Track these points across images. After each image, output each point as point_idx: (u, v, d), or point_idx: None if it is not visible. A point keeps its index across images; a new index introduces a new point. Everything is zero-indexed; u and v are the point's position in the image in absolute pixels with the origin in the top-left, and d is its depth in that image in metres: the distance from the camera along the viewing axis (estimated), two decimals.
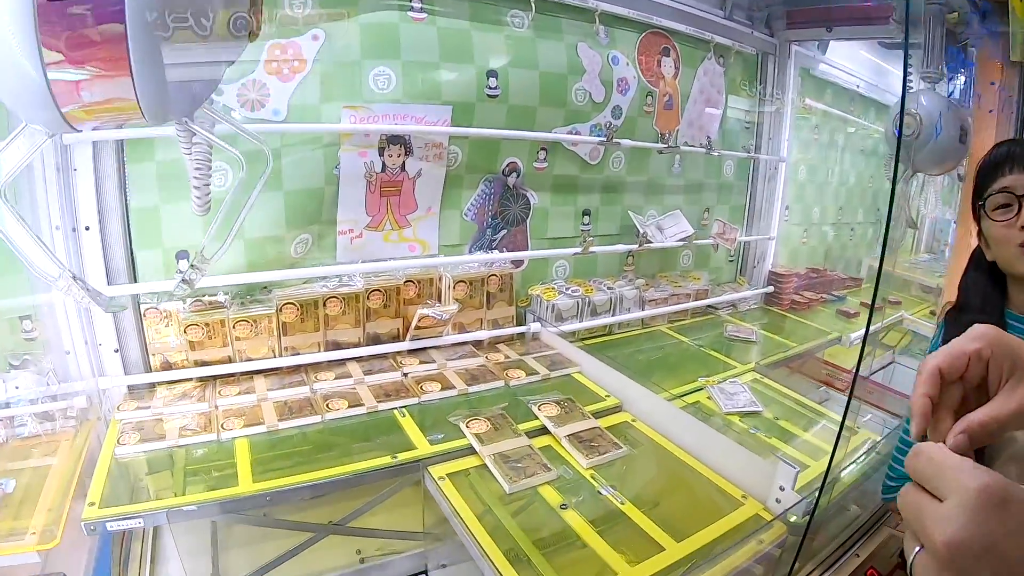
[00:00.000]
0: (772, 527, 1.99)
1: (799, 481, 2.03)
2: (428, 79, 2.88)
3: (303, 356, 2.77)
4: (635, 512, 2.02)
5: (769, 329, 4.19)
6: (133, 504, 1.90)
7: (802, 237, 5.22)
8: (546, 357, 3.10)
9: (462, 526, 1.93)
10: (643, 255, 4.03)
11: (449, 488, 2.09)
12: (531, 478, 2.12)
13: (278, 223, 2.72)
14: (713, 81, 4.06)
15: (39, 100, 1.17)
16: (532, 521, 1.98)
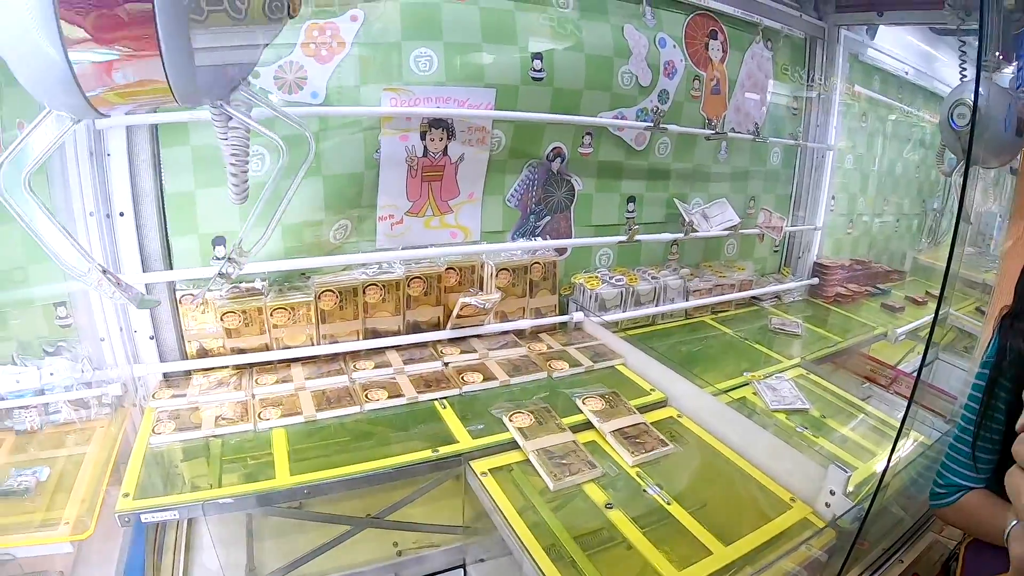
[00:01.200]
0: (822, 533, 1.93)
1: (852, 482, 1.97)
2: (471, 61, 2.80)
3: (341, 344, 2.72)
4: (681, 513, 1.95)
5: (813, 322, 4.08)
6: (168, 496, 1.87)
7: (847, 228, 5.09)
8: (589, 348, 3.03)
9: (504, 522, 1.87)
10: (687, 244, 3.96)
11: (491, 484, 2.03)
12: (576, 475, 2.05)
13: (317, 208, 2.67)
14: (761, 65, 3.95)
15: (62, 84, 1.10)
16: (576, 519, 1.91)
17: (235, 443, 2.16)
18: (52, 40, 1.03)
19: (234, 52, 1.29)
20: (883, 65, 4.86)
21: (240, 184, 1.62)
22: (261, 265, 2.56)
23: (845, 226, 5.07)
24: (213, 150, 2.43)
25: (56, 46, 1.03)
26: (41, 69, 1.08)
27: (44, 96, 1.18)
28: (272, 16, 1.30)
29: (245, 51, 1.35)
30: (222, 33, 1.21)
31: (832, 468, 1.97)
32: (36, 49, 1.04)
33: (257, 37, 1.34)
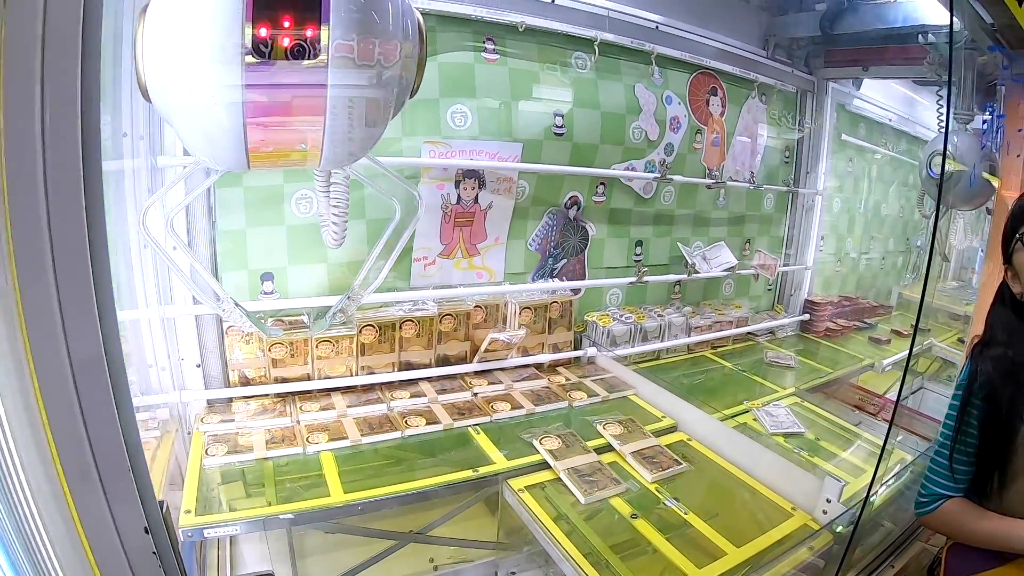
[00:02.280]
0: (820, 535, 2.21)
1: (845, 494, 2.23)
2: (501, 117, 3.10)
3: (378, 375, 2.93)
4: (698, 521, 2.22)
5: (805, 355, 4.36)
6: (225, 512, 2.04)
7: (836, 266, 5.40)
8: (604, 380, 3.29)
9: (545, 532, 2.11)
10: (689, 284, 4.24)
11: (529, 499, 2.27)
12: (603, 490, 2.31)
13: (359, 249, 2.90)
14: (756, 118, 4.28)
15: (232, 146, 1.35)
16: (606, 529, 2.16)
17: (286, 464, 2.35)
18: (233, 112, 1.29)
19: (372, 134, 1.54)
20: (868, 113, 5.20)
21: (340, 231, 1.89)
22: (306, 300, 2.81)
23: (834, 265, 5.38)
24: (264, 192, 2.70)
25: (237, 117, 1.30)
26: (215, 134, 1.35)
27: (209, 154, 1.44)
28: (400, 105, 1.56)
29: (380, 133, 1.61)
30: (371, 121, 1.47)
31: (828, 479, 2.26)
32: (214, 117, 1.31)
33: (387, 121, 1.62)
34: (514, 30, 3.07)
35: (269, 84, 1.27)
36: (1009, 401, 1.71)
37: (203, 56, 1.26)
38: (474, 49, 3.03)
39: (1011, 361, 1.73)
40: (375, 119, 1.45)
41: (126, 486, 0.79)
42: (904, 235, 6.00)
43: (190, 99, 1.31)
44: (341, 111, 1.35)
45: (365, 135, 1.47)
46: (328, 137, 1.38)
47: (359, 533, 2.44)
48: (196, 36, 1.25)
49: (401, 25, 1.39)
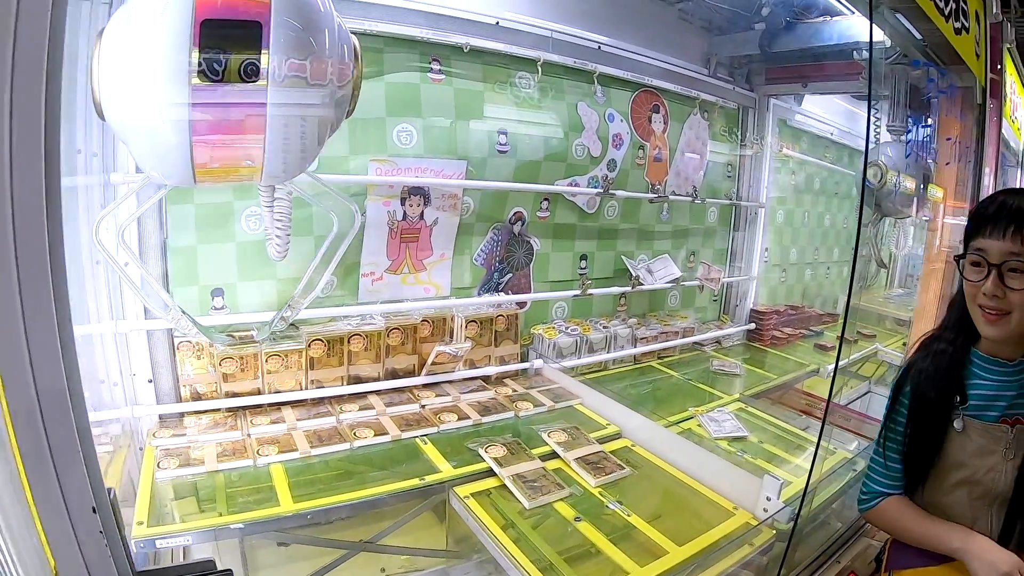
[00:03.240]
0: (760, 531, 2.31)
1: (784, 494, 2.34)
2: (446, 135, 3.21)
3: (328, 389, 3.00)
4: (640, 523, 2.31)
5: (752, 363, 4.51)
6: (176, 524, 2.09)
7: (781, 276, 5.57)
8: (549, 390, 3.38)
9: (492, 540, 2.18)
10: (634, 296, 4.35)
11: (475, 506, 2.35)
12: (547, 495, 2.40)
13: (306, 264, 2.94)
14: (698, 134, 4.43)
15: (179, 162, 1.45)
16: (551, 534, 2.24)
17: (237, 477, 2.40)
18: (181, 130, 1.39)
19: (311, 150, 1.64)
20: (810, 128, 5.37)
21: (284, 245, 1.98)
22: (255, 315, 2.87)
23: (779, 275, 5.54)
24: (215, 208, 2.76)
25: (184, 135, 1.40)
26: (164, 148, 1.44)
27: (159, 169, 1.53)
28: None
29: (317, 149, 1.71)
30: (308, 138, 1.57)
31: (767, 478, 2.37)
32: (163, 134, 1.41)
33: (325, 139, 1.71)
34: (459, 51, 3.18)
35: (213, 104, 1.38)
36: (938, 399, 1.83)
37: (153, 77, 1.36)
38: (420, 69, 3.13)
39: (949, 358, 1.84)
40: (313, 137, 1.55)
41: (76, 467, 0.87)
42: (850, 244, 6.16)
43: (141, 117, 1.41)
44: (280, 130, 1.45)
45: (304, 152, 1.58)
46: (268, 154, 1.48)
47: (309, 543, 2.46)
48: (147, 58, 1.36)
49: (338, 49, 1.50)
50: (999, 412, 1.78)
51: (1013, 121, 5.43)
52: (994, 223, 1.67)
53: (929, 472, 1.88)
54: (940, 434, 1.83)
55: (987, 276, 1.67)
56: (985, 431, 1.78)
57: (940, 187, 3.87)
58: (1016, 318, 1.66)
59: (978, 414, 1.79)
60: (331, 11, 1.55)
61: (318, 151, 1.69)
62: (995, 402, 1.78)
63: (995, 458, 1.77)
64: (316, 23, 1.49)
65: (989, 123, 3.97)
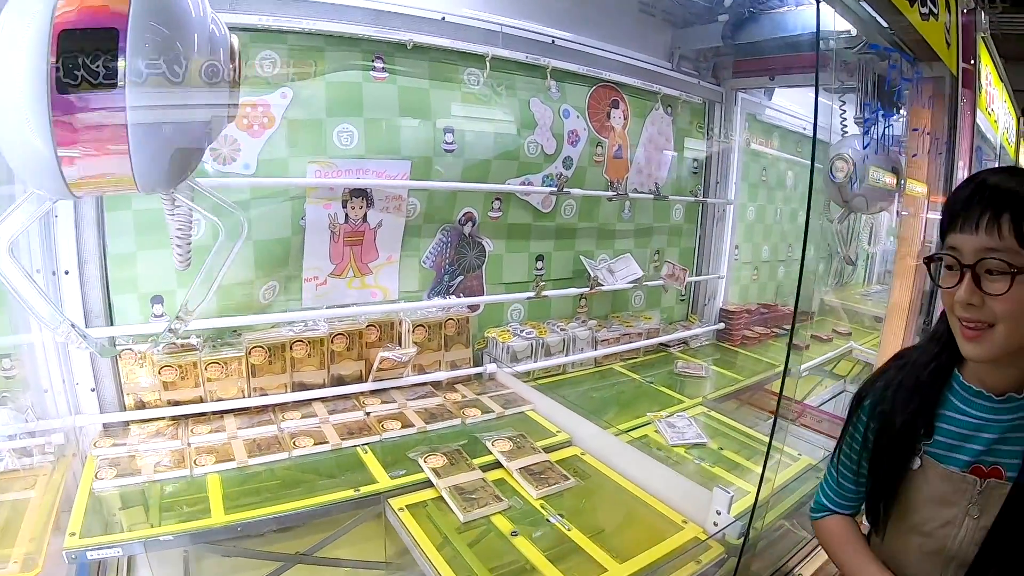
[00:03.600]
0: (709, 548, 2.24)
1: (743, 505, 2.29)
2: (388, 135, 3.16)
3: (271, 396, 2.97)
4: (581, 538, 2.24)
5: (720, 364, 4.47)
6: (111, 535, 2.07)
7: (753, 274, 5.53)
8: (501, 396, 3.34)
9: (422, 556, 2.14)
10: (596, 297, 4.30)
11: (408, 519, 2.30)
12: (484, 508, 2.35)
13: (247, 270, 2.95)
14: (661, 130, 4.39)
15: (50, 175, 1.41)
16: (486, 549, 2.19)
17: (173, 488, 2.37)
18: (45, 141, 1.35)
19: (186, 157, 1.60)
20: (781, 123, 5.32)
21: (184, 253, 1.95)
22: (196, 323, 2.80)
23: (751, 273, 5.50)
24: (154, 215, 2.65)
25: (48, 146, 1.35)
26: (33, 161, 1.40)
27: (32, 181, 1.49)
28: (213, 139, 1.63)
29: (194, 152, 1.67)
30: (179, 136, 1.53)
31: (716, 490, 2.31)
32: (32, 146, 1.37)
33: (204, 142, 1.67)
34: (403, 48, 3.13)
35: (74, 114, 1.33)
36: (902, 426, 1.51)
37: (16, 91, 1.32)
38: (363, 68, 3.08)
39: (927, 376, 1.52)
40: (185, 143, 1.51)
41: None
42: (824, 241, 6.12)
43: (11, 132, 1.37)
44: (145, 137, 1.41)
45: (177, 159, 1.53)
46: (136, 163, 1.43)
47: (244, 555, 2.45)
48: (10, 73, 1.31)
49: (208, 52, 1.45)
50: (971, 457, 1.43)
51: (990, 113, 5.41)
52: (966, 213, 1.30)
53: (888, 508, 1.59)
54: (898, 468, 1.53)
55: (960, 281, 1.31)
56: (946, 478, 1.45)
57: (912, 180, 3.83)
58: (1001, 333, 1.29)
59: (944, 454, 1.46)
60: (201, 12, 1.51)
61: (197, 156, 1.65)
62: (967, 443, 1.44)
63: (954, 511, 1.45)
64: (179, 26, 1.44)
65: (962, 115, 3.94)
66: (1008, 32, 9.09)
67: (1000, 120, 6.14)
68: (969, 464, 1.42)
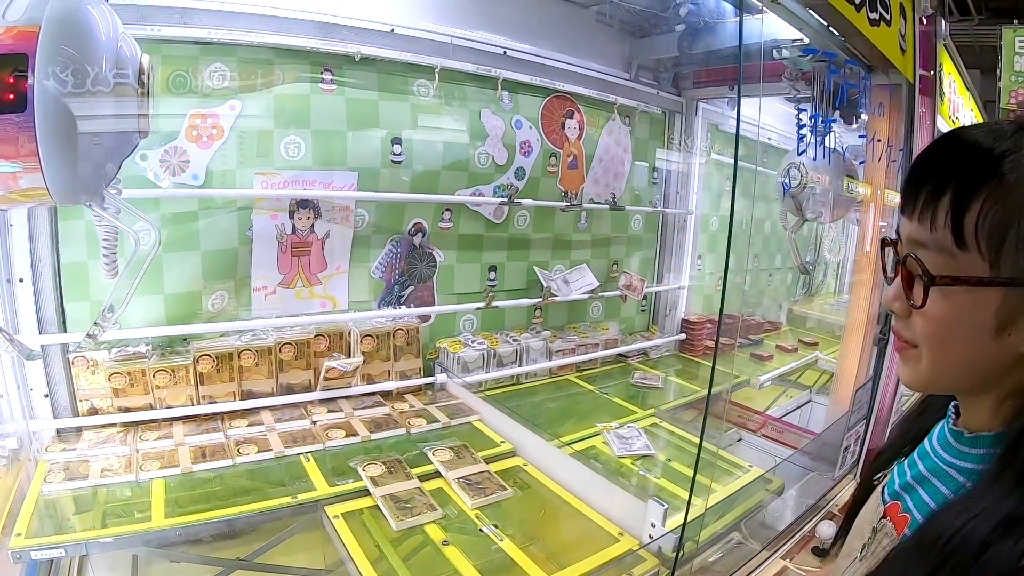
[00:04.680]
0: (643, 560, 2.33)
1: (688, 517, 2.31)
2: (335, 146, 3.28)
3: (219, 404, 3.05)
4: (512, 548, 2.32)
5: (681, 376, 4.57)
6: (56, 535, 2.17)
7: (716, 285, 5.62)
8: (449, 407, 3.44)
9: (353, 562, 2.23)
10: (552, 308, 4.41)
11: (342, 526, 2.40)
12: (417, 517, 2.45)
13: (195, 280, 3.05)
14: (619, 140, 4.51)
15: None
16: (417, 558, 2.31)
17: (118, 492, 2.47)
18: None
19: (99, 171, 1.73)
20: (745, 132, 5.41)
21: (111, 262, 2.08)
22: (144, 331, 2.93)
23: (715, 284, 5.60)
24: None
25: None
26: None
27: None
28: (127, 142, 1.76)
29: (110, 166, 1.79)
30: (90, 152, 1.65)
31: (651, 503, 2.39)
32: None
33: (115, 156, 1.80)
34: (352, 60, 3.24)
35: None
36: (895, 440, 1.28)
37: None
38: (311, 80, 3.19)
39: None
40: (97, 157, 1.64)
41: None
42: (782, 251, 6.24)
43: None
44: (55, 153, 1.53)
45: (91, 173, 1.66)
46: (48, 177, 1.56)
47: (181, 559, 2.51)
48: None
49: (115, 68, 1.58)
50: (899, 486, 1.11)
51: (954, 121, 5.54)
52: (907, 186, 0.96)
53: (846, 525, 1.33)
54: (867, 484, 1.26)
55: (896, 274, 0.99)
56: (874, 501, 1.18)
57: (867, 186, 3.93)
58: (928, 358, 0.96)
59: (896, 478, 1.14)
60: (113, 32, 1.63)
61: (112, 171, 1.77)
62: (908, 469, 1.11)
63: (858, 544, 1.18)
64: (88, 46, 1.57)
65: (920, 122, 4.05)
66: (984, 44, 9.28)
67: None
68: (894, 495, 1.12)
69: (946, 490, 0.99)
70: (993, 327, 0.87)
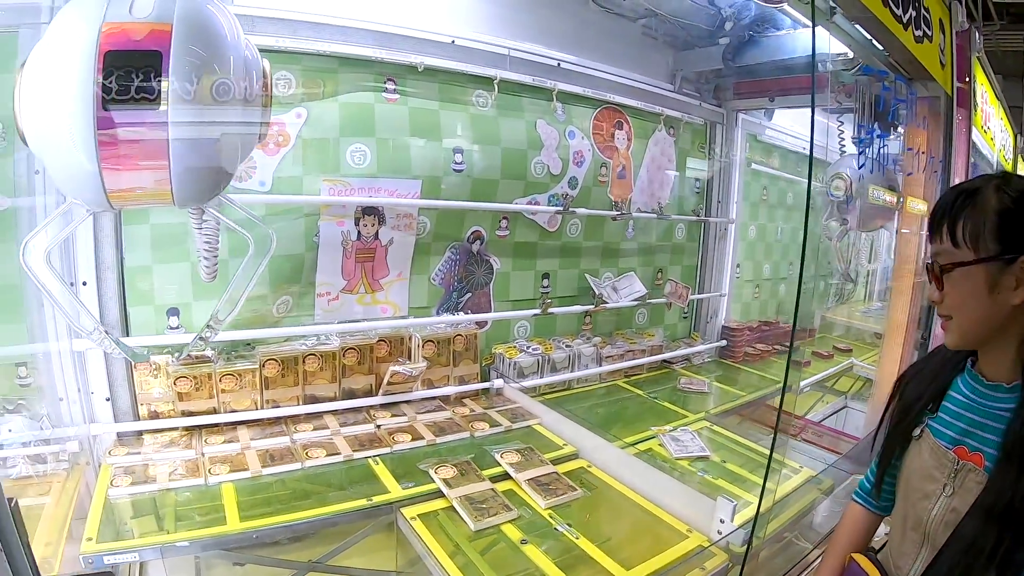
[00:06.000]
0: (713, 555, 2.31)
1: (744, 516, 2.33)
2: (400, 155, 3.26)
3: (283, 409, 3.04)
4: (589, 546, 2.31)
5: (722, 381, 4.55)
6: (127, 540, 2.12)
7: (754, 292, 5.61)
8: (508, 411, 3.42)
9: (435, 563, 2.20)
10: (600, 315, 4.39)
11: (420, 527, 2.37)
12: (494, 517, 2.42)
13: (262, 285, 3.02)
14: (664, 151, 4.49)
15: (91, 186, 1.51)
16: (496, 556, 2.27)
17: (187, 495, 2.43)
18: (90, 155, 1.45)
19: (220, 173, 1.70)
20: (781, 143, 5.42)
21: (211, 266, 2.04)
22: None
23: (752, 291, 5.58)
24: (170, 229, 2.79)
25: (92, 160, 1.45)
26: (77, 174, 1.50)
27: (74, 193, 1.58)
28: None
29: (227, 167, 1.76)
30: (215, 154, 1.63)
31: (720, 499, 2.37)
32: (76, 160, 1.47)
33: (236, 162, 1.77)
34: (414, 70, 3.23)
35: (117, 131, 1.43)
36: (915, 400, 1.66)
37: (63, 107, 1.42)
38: (375, 89, 3.18)
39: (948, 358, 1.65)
40: (220, 160, 1.61)
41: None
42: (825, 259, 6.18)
43: (55, 145, 1.47)
44: (183, 154, 1.50)
45: (213, 175, 1.63)
46: (175, 177, 1.53)
47: (257, 562, 2.48)
48: (57, 89, 1.42)
49: (243, 74, 1.55)
50: (956, 434, 1.51)
51: (985, 131, 5.50)
52: (930, 222, 1.51)
53: (884, 472, 1.72)
54: (904, 435, 1.66)
55: (940, 290, 1.48)
56: (934, 450, 1.55)
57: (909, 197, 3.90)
58: (955, 323, 1.47)
59: (939, 429, 1.56)
60: (238, 37, 1.62)
61: (230, 173, 1.75)
62: (957, 421, 1.53)
63: (933, 486, 1.53)
64: (218, 49, 1.55)
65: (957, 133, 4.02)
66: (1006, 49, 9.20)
67: (996, 138, 6.24)
68: (955, 442, 1.52)
69: (999, 426, 1.44)
70: (986, 291, 1.39)
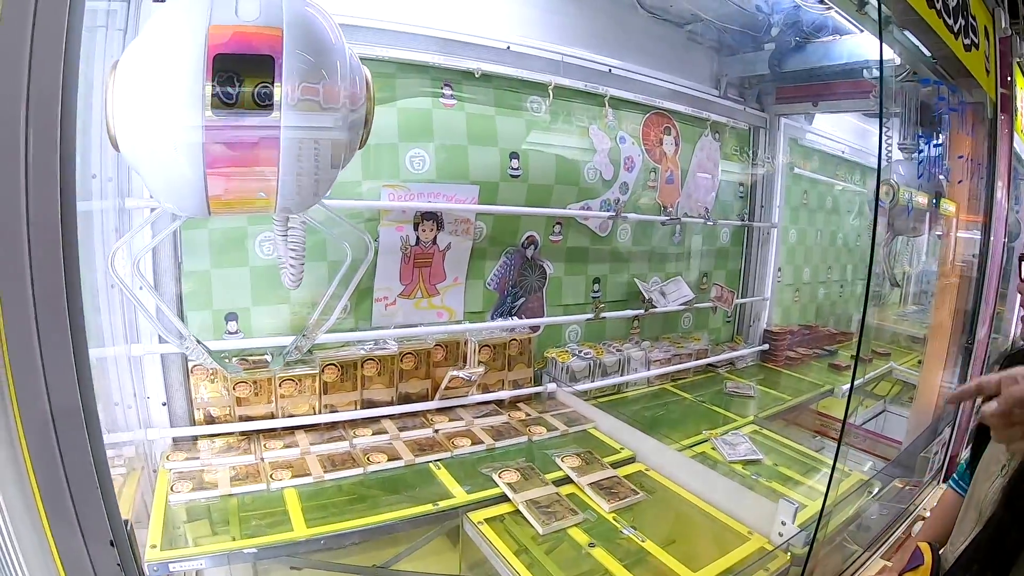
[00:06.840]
0: (776, 556, 2.29)
1: (798, 519, 2.32)
2: (458, 160, 3.23)
3: (341, 413, 3.01)
4: (655, 548, 2.29)
5: (766, 384, 4.51)
6: (191, 547, 2.10)
7: (795, 296, 5.56)
8: (563, 415, 3.39)
9: (506, 566, 2.18)
10: (647, 319, 4.36)
11: (488, 531, 2.35)
12: (561, 521, 2.39)
13: (320, 289, 2.97)
14: (710, 155, 4.45)
15: (193, 192, 1.49)
16: (565, 560, 2.24)
17: (250, 501, 2.41)
18: (194, 161, 1.43)
19: (324, 181, 1.67)
20: (821, 147, 5.38)
21: (297, 273, 2.01)
22: (270, 340, 2.89)
23: (792, 295, 5.52)
24: (229, 234, 2.79)
25: (197, 166, 1.43)
26: (178, 180, 1.48)
27: (171, 199, 1.56)
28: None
29: (331, 178, 1.74)
30: (318, 162, 1.60)
31: (782, 502, 2.35)
32: (178, 166, 1.44)
33: (338, 169, 1.74)
34: (471, 76, 3.22)
35: (226, 137, 1.40)
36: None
37: (167, 110, 1.39)
38: (432, 95, 3.16)
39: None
40: (326, 167, 1.58)
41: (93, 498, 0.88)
42: (864, 262, 6.14)
43: (155, 151, 1.44)
44: (293, 162, 1.48)
45: (317, 182, 1.60)
46: (282, 185, 1.50)
47: (322, 567, 2.45)
48: (160, 92, 1.39)
49: (349, 80, 1.53)
50: None
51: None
52: None
53: (976, 451, 1.67)
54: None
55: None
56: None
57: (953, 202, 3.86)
58: None
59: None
60: (342, 42, 1.60)
61: (332, 180, 1.72)
62: None
63: (995, 468, 1.51)
64: (327, 55, 1.53)
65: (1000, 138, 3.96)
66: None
67: None
68: None
69: None
70: None
